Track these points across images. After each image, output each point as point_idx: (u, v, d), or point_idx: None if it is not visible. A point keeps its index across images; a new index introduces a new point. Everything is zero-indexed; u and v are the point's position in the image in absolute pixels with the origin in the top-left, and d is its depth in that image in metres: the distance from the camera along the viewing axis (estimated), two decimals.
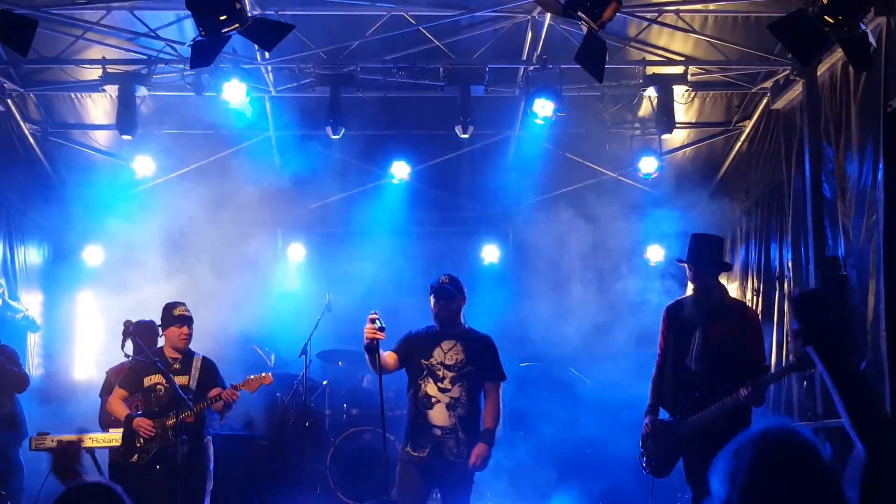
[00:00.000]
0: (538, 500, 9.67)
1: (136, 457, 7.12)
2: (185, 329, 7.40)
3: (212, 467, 7.41)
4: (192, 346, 7.55)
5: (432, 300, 6.54)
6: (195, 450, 7.20)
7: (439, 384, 6.33)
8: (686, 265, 6.57)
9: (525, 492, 9.97)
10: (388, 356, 6.44)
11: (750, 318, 6.68)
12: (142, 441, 7.11)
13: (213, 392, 7.33)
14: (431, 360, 6.36)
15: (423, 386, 6.34)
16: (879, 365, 7.51)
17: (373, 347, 6.19)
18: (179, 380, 7.25)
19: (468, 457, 6.27)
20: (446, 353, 6.34)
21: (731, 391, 6.10)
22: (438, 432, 6.28)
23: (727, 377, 6.20)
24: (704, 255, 6.53)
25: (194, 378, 7.36)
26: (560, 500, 9.47)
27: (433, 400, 6.33)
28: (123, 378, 7.46)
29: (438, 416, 6.31)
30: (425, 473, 6.33)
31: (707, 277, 6.52)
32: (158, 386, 7.25)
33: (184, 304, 7.51)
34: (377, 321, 6.19)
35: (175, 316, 7.42)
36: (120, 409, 7.35)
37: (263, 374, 7.62)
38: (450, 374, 6.35)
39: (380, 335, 6.20)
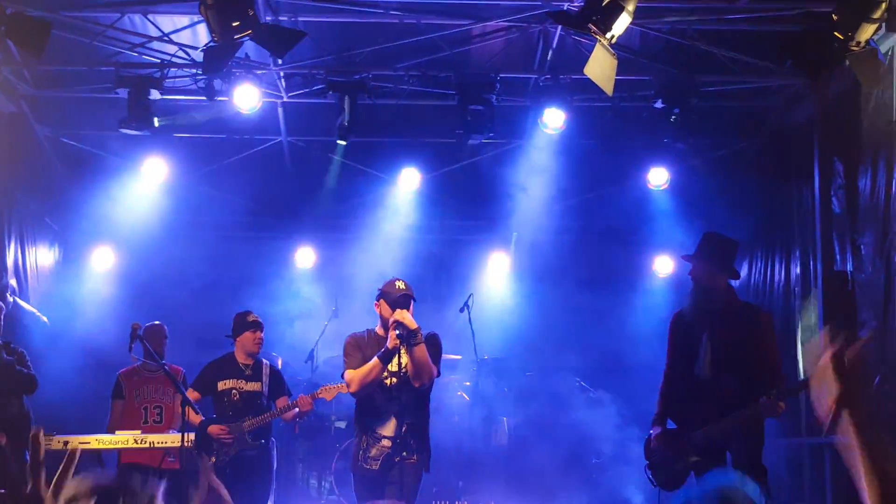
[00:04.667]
0: None
1: (213, 459, 7.22)
2: (258, 334, 7.66)
3: (275, 468, 7.67)
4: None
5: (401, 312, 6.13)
6: (263, 453, 7.48)
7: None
8: (690, 262, 6.27)
9: (528, 498, 9.97)
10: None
11: (763, 321, 6.31)
12: (216, 445, 7.22)
13: (283, 402, 7.56)
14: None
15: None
16: (894, 381, 7.48)
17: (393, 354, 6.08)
18: (252, 385, 7.56)
19: None
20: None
21: (743, 399, 5.88)
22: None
23: (739, 384, 5.98)
24: (712, 254, 6.21)
25: (266, 384, 7.59)
26: None
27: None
28: (196, 380, 7.60)
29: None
30: None
31: (711, 278, 6.17)
32: (233, 391, 7.42)
33: (252, 312, 7.76)
34: (398, 327, 6.00)
35: (249, 322, 7.66)
36: (192, 413, 7.40)
37: (341, 384, 7.60)
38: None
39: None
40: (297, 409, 7.47)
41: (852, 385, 2.36)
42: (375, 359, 6.11)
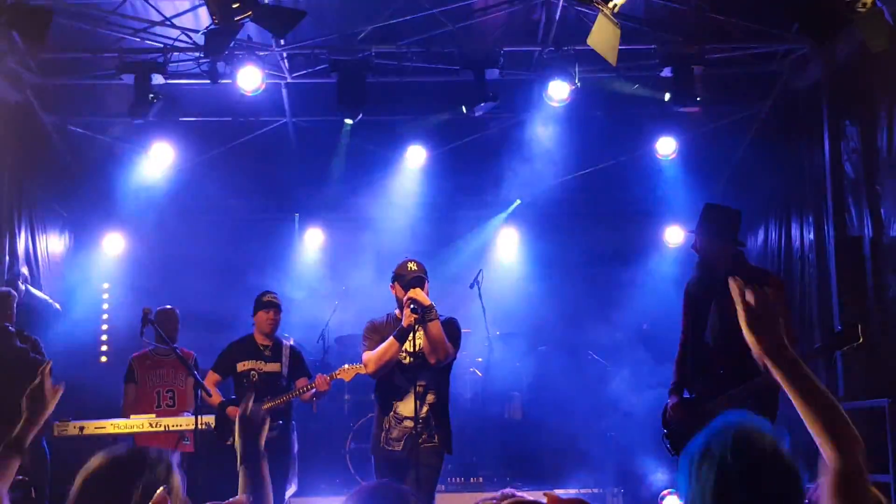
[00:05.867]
0: (555, 482, 9.68)
1: (231, 440, 7.21)
2: (271, 314, 7.61)
3: (296, 451, 7.59)
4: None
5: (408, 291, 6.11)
6: (283, 434, 7.44)
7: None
8: (694, 235, 6.25)
9: (542, 474, 9.99)
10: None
11: (772, 285, 6.14)
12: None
13: (302, 382, 7.52)
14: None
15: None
16: None
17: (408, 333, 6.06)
18: (271, 367, 7.54)
19: None
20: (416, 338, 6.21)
21: (752, 367, 5.89)
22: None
23: (748, 352, 5.97)
24: (713, 226, 6.18)
25: (285, 365, 7.58)
26: (578, 482, 9.49)
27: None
28: (217, 362, 7.62)
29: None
30: None
31: (713, 249, 6.15)
32: (252, 372, 7.44)
33: (273, 293, 7.76)
34: (412, 304, 5.98)
35: (263, 301, 7.66)
36: (213, 395, 7.45)
37: (359, 365, 7.50)
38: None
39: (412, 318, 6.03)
40: (314, 390, 7.44)
41: (769, 334, 2.53)
42: (391, 338, 6.09)
